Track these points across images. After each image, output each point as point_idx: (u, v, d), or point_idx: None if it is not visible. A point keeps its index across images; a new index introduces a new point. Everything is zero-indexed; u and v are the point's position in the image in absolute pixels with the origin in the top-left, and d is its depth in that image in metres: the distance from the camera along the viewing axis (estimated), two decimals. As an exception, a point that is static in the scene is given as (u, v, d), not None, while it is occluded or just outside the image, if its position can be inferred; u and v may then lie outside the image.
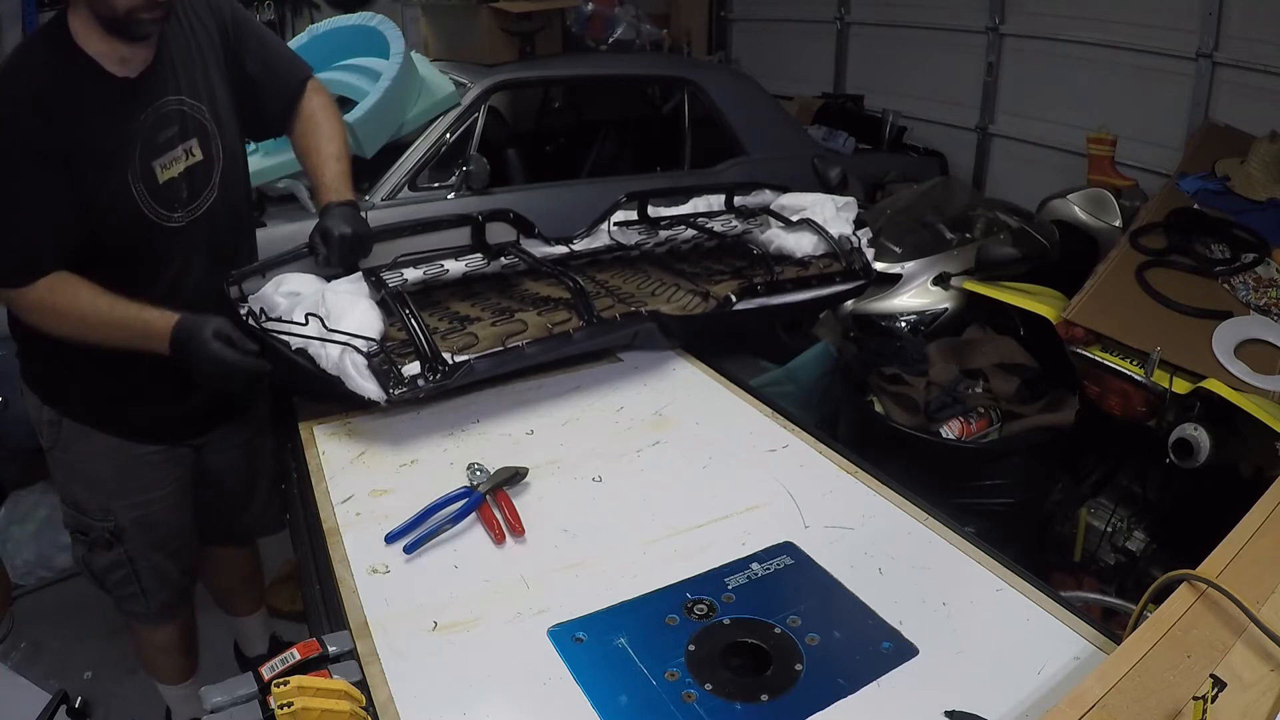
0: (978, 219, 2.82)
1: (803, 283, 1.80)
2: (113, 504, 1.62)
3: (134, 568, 1.69)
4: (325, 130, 1.66)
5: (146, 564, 1.69)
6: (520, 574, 1.12)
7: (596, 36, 3.60)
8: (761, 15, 5.25)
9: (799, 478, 1.32)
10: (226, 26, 1.53)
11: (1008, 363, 2.32)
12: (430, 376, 1.37)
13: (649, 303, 1.67)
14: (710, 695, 0.93)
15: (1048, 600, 1.07)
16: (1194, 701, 0.79)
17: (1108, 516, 2.25)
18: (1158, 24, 3.29)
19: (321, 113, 1.68)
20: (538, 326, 1.52)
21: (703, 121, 3.38)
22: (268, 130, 1.76)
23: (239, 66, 1.56)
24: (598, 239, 1.87)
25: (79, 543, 1.68)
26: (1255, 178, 2.54)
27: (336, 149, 1.65)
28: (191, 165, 1.47)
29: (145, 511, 1.65)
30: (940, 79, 4.22)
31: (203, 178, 1.50)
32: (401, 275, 1.59)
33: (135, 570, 1.69)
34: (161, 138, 1.42)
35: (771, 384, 2.24)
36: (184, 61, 1.46)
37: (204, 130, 1.49)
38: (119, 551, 1.66)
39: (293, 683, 0.83)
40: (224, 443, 1.77)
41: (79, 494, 1.64)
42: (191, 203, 1.49)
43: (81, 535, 1.67)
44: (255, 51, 1.58)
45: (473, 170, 2.83)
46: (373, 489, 1.29)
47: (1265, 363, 1.97)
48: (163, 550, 1.70)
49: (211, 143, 1.50)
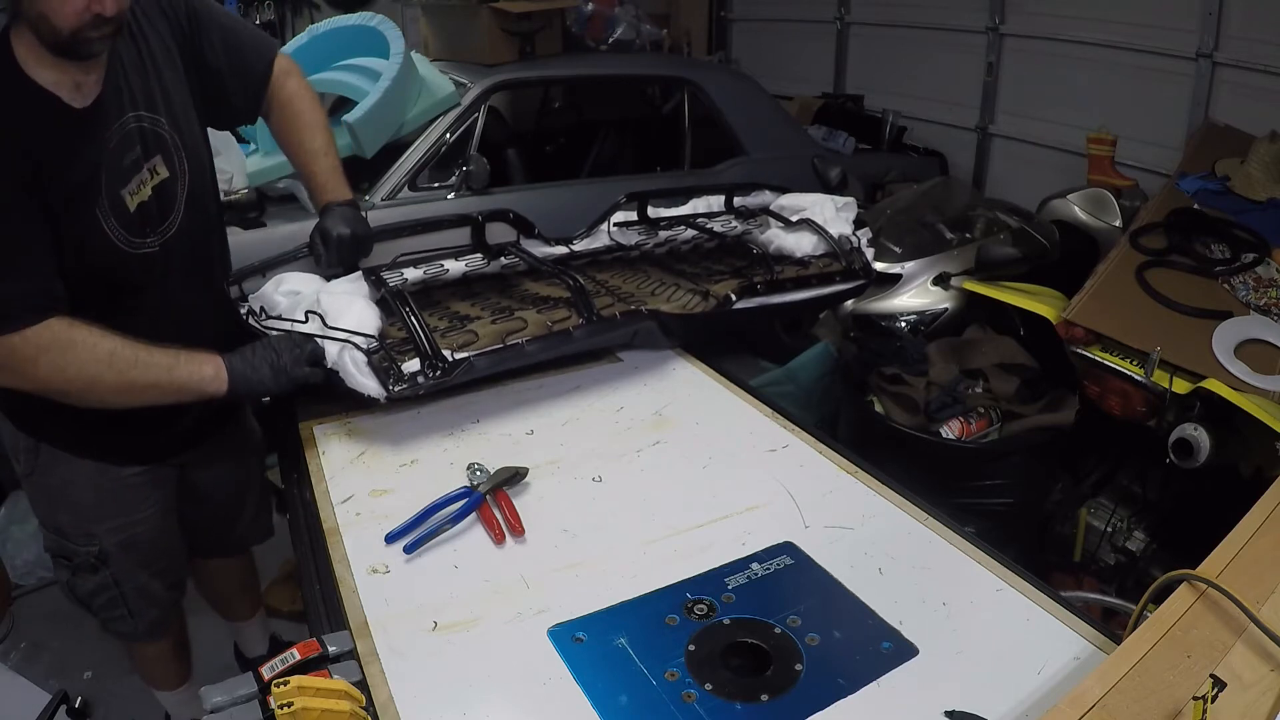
0: (978, 219, 2.82)
1: (803, 282, 1.80)
2: (95, 528, 1.56)
3: (120, 590, 1.63)
4: (307, 120, 1.59)
5: (133, 585, 1.64)
6: (520, 574, 1.12)
7: (596, 36, 3.60)
8: (761, 15, 5.25)
9: (799, 478, 1.32)
10: (181, 21, 1.43)
11: (1008, 363, 2.32)
12: (430, 373, 1.37)
13: (649, 302, 1.67)
14: (710, 695, 0.93)
15: (1048, 600, 1.07)
16: (1194, 701, 0.79)
17: (1108, 516, 2.24)
18: (1158, 24, 3.29)
19: (299, 100, 1.60)
20: (538, 324, 1.52)
21: (703, 121, 3.38)
22: (238, 119, 1.68)
23: (199, 60, 1.45)
24: (597, 239, 1.88)
25: (62, 567, 1.61)
26: (1255, 178, 2.54)
27: (323, 142, 1.60)
28: (158, 184, 1.38)
29: (129, 534, 1.58)
30: (940, 79, 4.22)
31: (169, 195, 1.41)
32: (401, 275, 1.59)
33: (122, 592, 1.63)
34: (126, 162, 1.33)
35: (771, 384, 2.24)
36: (137, 73, 1.35)
37: (165, 144, 1.39)
38: (104, 575, 1.60)
39: (293, 683, 0.83)
40: (209, 457, 1.71)
41: (60, 519, 1.56)
42: (162, 223, 1.40)
43: (65, 560, 1.60)
44: (217, 41, 1.47)
45: (473, 170, 2.83)
46: (373, 489, 1.29)
47: (1265, 363, 1.97)
48: (149, 569, 1.65)
49: (174, 156, 1.41)
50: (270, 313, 1.48)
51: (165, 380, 1.32)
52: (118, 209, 1.32)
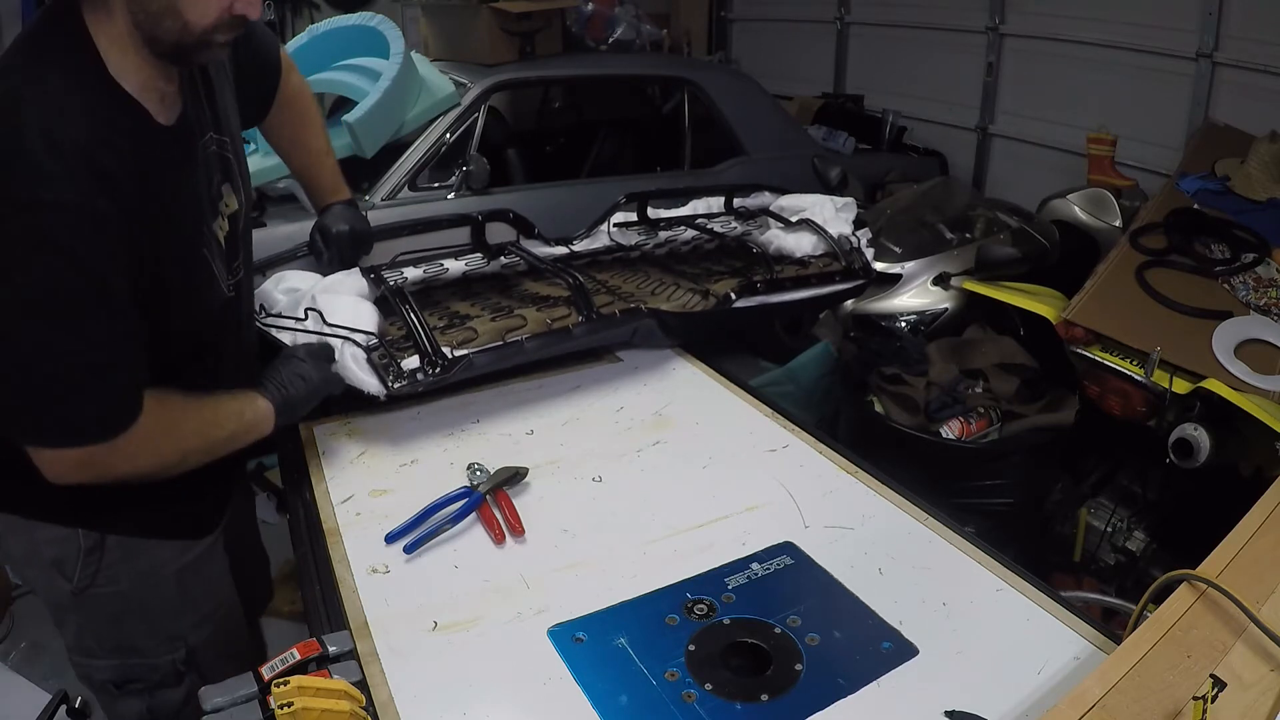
0: (978, 219, 2.82)
1: (802, 281, 1.80)
2: (180, 625, 1.28)
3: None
4: (311, 121, 1.50)
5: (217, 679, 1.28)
6: (520, 574, 1.12)
7: (596, 36, 3.60)
8: (761, 15, 5.25)
9: (799, 478, 1.32)
10: None
11: (1008, 363, 2.32)
12: (429, 370, 1.37)
13: (649, 301, 1.68)
14: (710, 695, 0.93)
15: (1048, 600, 1.07)
16: (1194, 701, 0.79)
17: (1108, 516, 2.24)
18: (1158, 24, 3.29)
19: (302, 98, 1.49)
20: (537, 322, 1.52)
21: (703, 121, 3.38)
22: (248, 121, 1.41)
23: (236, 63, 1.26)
24: (597, 240, 1.88)
25: (133, 694, 1.28)
26: (1255, 178, 2.54)
27: (325, 143, 1.54)
28: (230, 215, 1.19)
29: (215, 621, 1.33)
30: (940, 79, 4.22)
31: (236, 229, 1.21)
32: (401, 274, 1.59)
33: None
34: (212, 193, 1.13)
35: (771, 384, 2.24)
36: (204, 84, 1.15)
37: (231, 169, 1.19)
38: (190, 679, 1.29)
39: (293, 683, 0.83)
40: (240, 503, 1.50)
41: (132, 633, 1.25)
42: (234, 262, 1.21)
43: (137, 683, 1.27)
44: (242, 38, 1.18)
45: (473, 170, 2.83)
46: (373, 489, 1.29)
47: (1265, 363, 1.97)
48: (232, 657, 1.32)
49: (238, 182, 1.22)
50: (270, 310, 1.48)
51: (240, 429, 1.19)
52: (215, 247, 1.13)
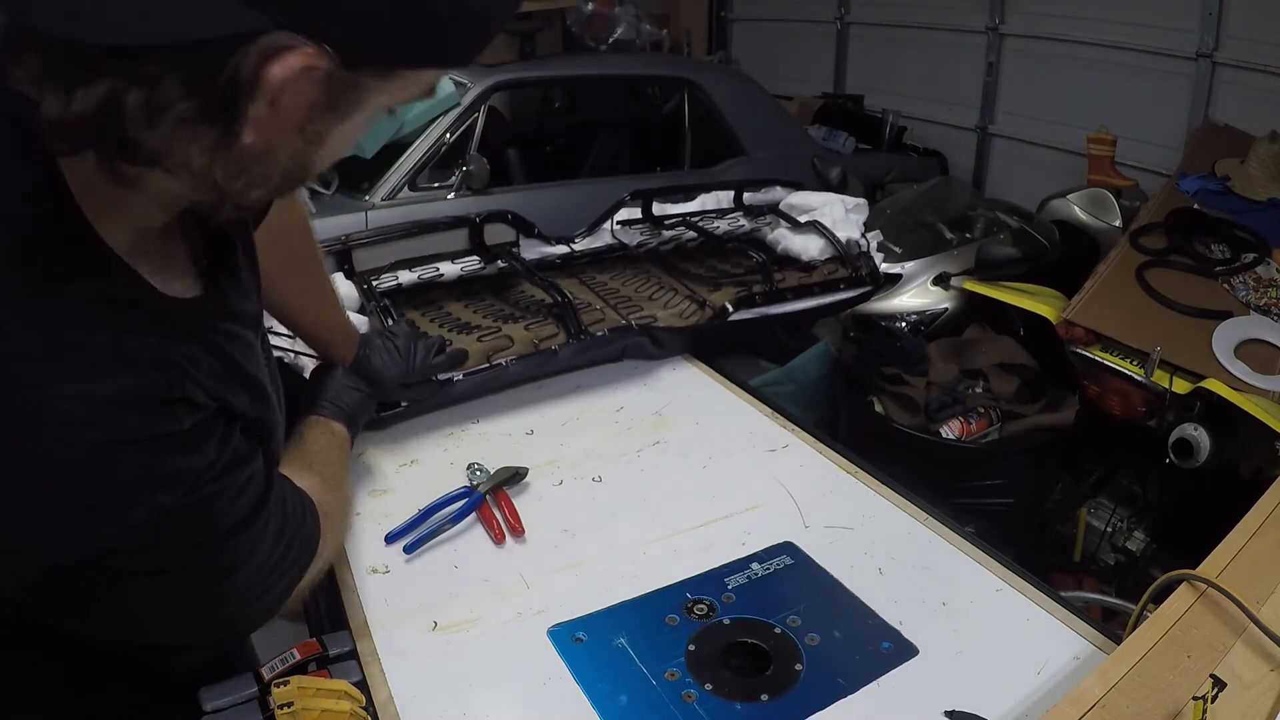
0: (978, 219, 2.82)
1: (804, 291, 1.77)
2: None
3: None
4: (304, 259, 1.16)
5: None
6: (520, 574, 1.12)
7: (596, 36, 3.61)
8: (761, 15, 5.25)
9: (799, 478, 1.32)
10: None
11: (1008, 363, 2.32)
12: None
13: (645, 307, 1.66)
14: (710, 695, 0.93)
15: (1048, 600, 1.07)
16: (1194, 701, 0.79)
17: (1108, 516, 2.24)
18: (1158, 24, 3.29)
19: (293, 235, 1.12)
20: (524, 342, 1.51)
21: (703, 121, 3.38)
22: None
23: None
24: (599, 238, 1.87)
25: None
26: (1255, 178, 2.54)
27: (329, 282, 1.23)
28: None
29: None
30: (940, 79, 4.22)
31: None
32: (396, 279, 1.58)
33: None
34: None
35: (771, 384, 2.23)
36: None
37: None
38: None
39: (292, 683, 0.83)
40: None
41: None
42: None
43: None
44: None
45: (473, 170, 2.83)
46: (373, 489, 1.29)
47: (1265, 363, 1.97)
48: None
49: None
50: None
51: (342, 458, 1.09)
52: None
